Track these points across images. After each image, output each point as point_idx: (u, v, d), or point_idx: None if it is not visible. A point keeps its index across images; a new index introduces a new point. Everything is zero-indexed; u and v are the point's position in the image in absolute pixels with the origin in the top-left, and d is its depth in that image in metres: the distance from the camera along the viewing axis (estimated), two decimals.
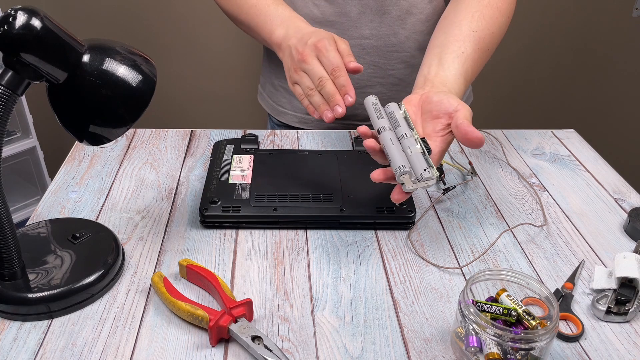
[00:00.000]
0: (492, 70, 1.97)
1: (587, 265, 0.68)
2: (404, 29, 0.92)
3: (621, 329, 0.59)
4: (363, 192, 0.74)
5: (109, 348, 0.55)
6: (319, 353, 0.55)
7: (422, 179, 0.59)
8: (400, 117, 0.65)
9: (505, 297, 0.56)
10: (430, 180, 0.59)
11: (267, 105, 1.09)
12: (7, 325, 0.57)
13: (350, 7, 0.91)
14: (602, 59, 1.99)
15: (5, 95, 0.52)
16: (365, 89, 0.97)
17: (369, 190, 0.74)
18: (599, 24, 1.92)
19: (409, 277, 0.65)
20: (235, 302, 0.56)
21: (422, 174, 0.59)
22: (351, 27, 0.92)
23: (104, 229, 0.68)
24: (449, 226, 0.74)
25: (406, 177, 0.59)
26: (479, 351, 0.52)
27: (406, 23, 0.92)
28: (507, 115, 2.07)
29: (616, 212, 0.78)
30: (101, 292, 0.61)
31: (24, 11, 0.51)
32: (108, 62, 0.56)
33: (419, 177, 0.59)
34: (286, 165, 0.80)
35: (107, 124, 0.58)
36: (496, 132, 0.98)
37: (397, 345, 0.56)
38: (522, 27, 1.89)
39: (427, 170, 0.59)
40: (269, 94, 1.07)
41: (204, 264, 0.66)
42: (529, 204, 0.79)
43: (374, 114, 0.66)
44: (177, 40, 1.87)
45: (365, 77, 0.97)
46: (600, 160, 0.91)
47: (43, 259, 0.62)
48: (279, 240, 0.70)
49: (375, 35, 0.93)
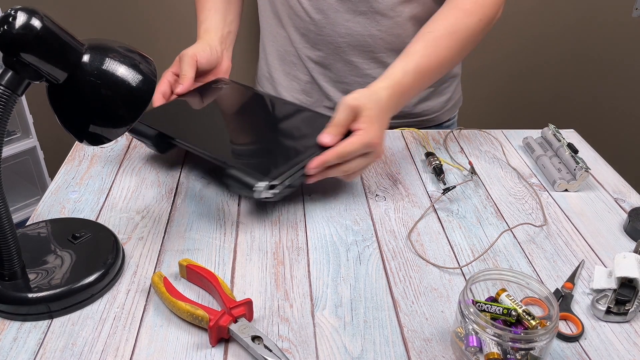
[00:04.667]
0: (492, 70, 1.97)
1: (587, 265, 0.68)
2: (379, 30, 0.93)
3: (621, 329, 0.59)
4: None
5: (109, 348, 0.55)
6: (319, 353, 0.55)
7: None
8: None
9: (505, 297, 0.56)
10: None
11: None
12: (7, 325, 0.57)
13: (327, 5, 0.92)
14: (602, 58, 1.99)
15: (5, 95, 0.52)
16: (344, 86, 0.99)
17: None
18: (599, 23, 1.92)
19: (408, 277, 0.65)
20: (235, 302, 0.56)
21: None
22: (328, 24, 0.94)
23: (104, 229, 0.68)
24: (449, 226, 0.74)
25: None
26: (479, 351, 0.52)
27: (382, 25, 0.93)
28: (507, 115, 2.07)
29: (616, 212, 0.78)
30: (101, 292, 0.61)
31: (24, 11, 0.51)
32: (108, 62, 0.56)
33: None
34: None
35: (107, 124, 0.58)
36: (496, 132, 0.98)
37: (397, 345, 0.56)
38: (522, 26, 1.89)
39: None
40: (265, 88, 1.09)
41: (204, 264, 0.66)
42: (529, 204, 0.79)
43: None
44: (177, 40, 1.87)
45: (342, 74, 0.99)
46: (600, 160, 0.91)
47: (43, 259, 0.62)
48: (279, 240, 0.70)
49: (351, 35, 0.94)
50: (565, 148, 0.86)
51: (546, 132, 0.93)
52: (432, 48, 0.81)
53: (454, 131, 0.98)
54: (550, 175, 0.84)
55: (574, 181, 0.82)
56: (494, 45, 1.92)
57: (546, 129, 0.93)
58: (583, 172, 0.81)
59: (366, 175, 0.84)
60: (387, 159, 0.89)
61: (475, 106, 1.15)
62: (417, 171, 0.86)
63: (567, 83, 2.04)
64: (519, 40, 1.92)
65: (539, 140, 0.93)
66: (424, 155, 0.89)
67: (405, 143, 0.94)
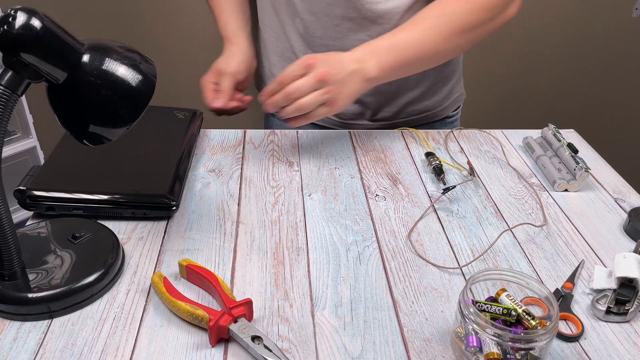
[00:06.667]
0: (493, 70, 1.97)
1: (587, 265, 0.68)
2: (369, 36, 0.92)
3: (621, 329, 0.59)
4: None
5: (109, 348, 0.55)
6: (319, 353, 0.55)
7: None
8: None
9: (505, 297, 0.56)
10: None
11: (259, 87, 1.12)
12: (7, 325, 0.57)
13: (319, 8, 0.92)
14: (602, 58, 1.99)
15: (5, 95, 0.52)
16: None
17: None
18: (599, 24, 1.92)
19: (408, 277, 0.65)
20: (235, 302, 0.56)
21: None
22: (320, 27, 0.94)
23: (104, 229, 0.68)
24: (448, 226, 0.74)
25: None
26: (479, 351, 0.52)
27: (372, 31, 0.92)
28: (507, 115, 2.07)
29: (616, 212, 0.78)
30: (101, 292, 0.61)
31: (24, 11, 0.51)
32: (108, 62, 0.56)
33: None
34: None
35: (107, 124, 0.58)
36: (496, 132, 0.98)
37: (397, 345, 0.56)
38: (522, 27, 1.89)
39: None
40: (262, 74, 1.10)
41: (204, 264, 0.66)
42: (529, 204, 0.79)
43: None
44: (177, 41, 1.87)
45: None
46: (600, 160, 0.91)
47: (43, 259, 0.62)
48: (279, 240, 0.70)
49: (341, 39, 0.94)
50: (565, 148, 0.86)
51: (546, 132, 0.93)
52: (415, 24, 0.84)
53: (454, 131, 0.98)
54: (550, 175, 0.84)
55: (574, 181, 0.82)
56: (494, 46, 1.92)
57: (546, 129, 0.93)
58: (583, 172, 0.81)
59: (366, 175, 0.84)
60: (387, 158, 0.89)
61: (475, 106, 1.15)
62: (417, 171, 0.86)
63: (567, 83, 2.04)
64: (519, 41, 1.92)
65: (539, 140, 0.93)
66: (424, 155, 0.89)
67: (405, 143, 0.94)
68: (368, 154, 0.90)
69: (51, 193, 0.70)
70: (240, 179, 0.82)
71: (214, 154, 0.88)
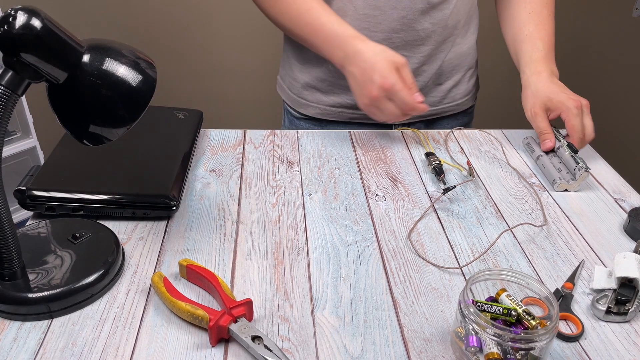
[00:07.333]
0: (492, 70, 1.97)
1: (587, 265, 0.68)
2: (432, 23, 0.95)
3: (621, 329, 0.59)
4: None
5: (109, 348, 0.55)
6: (319, 353, 0.55)
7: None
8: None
9: (505, 297, 0.56)
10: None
11: (287, 97, 1.11)
12: (7, 325, 0.57)
13: (384, 2, 0.93)
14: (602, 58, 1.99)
15: (5, 95, 0.52)
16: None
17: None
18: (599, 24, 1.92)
19: (409, 277, 0.65)
20: (235, 302, 0.56)
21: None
22: (384, 21, 0.94)
23: (104, 229, 0.68)
24: (449, 226, 0.74)
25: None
26: (479, 351, 0.52)
27: (434, 18, 0.95)
28: (508, 115, 2.07)
29: (616, 212, 0.78)
30: (101, 292, 0.61)
31: (24, 11, 0.51)
32: (108, 62, 0.56)
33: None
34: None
35: (107, 124, 0.58)
36: (496, 132, 0.98)
37: (397, 345, 0.56)
38: None
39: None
40: (290, 86, 1.09)
41: (204, 264, 0.66)
42: (529, 204, 0.79)
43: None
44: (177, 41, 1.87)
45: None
46: (600, 160, 0.91)
47: (43, 259, 0.62)
48: (279, 240, 0.70)
49: (406, 31, 0.95)
50: (565, 148, 0.86)
51: None
52: (541, 23, 1.02)
53: (454, 131, 0.98)
54: (550, 175, 0.84)
55: (574, 181, 0.82)
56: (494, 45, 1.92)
57: None
58: (583, 172, 0.81)
59: (366, 175, 0.84)
60: (387, 158, 0.89)
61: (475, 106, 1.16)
62: (417, 171, 0.86)
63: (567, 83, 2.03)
64: None
65: (539, 140, 0.93)
66: (424, 155, 0.89)
67: (405, 143, 0.94)
68: (368, 154, 0.90)
69: (51, 193, 0.70)
70: (241, 179, 0.82)
71: (214, 154, 0.88)
